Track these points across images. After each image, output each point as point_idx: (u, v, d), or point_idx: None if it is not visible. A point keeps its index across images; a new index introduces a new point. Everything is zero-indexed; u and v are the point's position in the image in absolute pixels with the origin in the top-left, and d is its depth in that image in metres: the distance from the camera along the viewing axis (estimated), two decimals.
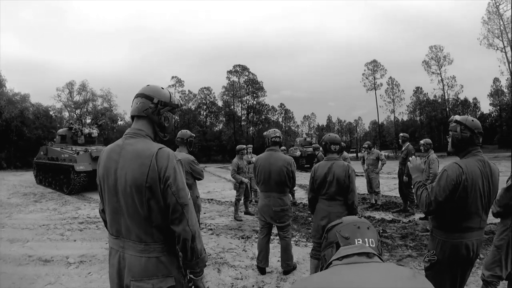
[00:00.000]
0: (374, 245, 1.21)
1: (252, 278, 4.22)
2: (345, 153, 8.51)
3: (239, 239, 6.06)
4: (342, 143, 8.87)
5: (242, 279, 4.20)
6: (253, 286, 3.98)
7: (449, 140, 2.45)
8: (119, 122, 48.33)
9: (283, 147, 10.18)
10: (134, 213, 1.58)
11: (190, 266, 1.67)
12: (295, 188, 9.15)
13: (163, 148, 1.64)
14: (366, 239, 1.21)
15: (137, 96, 1.77)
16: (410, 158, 2.67)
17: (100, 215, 1.90)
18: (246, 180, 7.87)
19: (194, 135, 5.01)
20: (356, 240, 1.20)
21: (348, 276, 1.06)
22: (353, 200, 3.56)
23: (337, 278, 1.06)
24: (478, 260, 4.51)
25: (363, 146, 9.50)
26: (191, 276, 1.71)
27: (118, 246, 1.64)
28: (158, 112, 1.75)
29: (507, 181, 2.97)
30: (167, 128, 1.83)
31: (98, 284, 4.07)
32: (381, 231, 6.13)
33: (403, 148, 8.15)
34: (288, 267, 4.31)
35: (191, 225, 1.59)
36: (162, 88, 1.81)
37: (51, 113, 41.25)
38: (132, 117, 1.78)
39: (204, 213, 8.37)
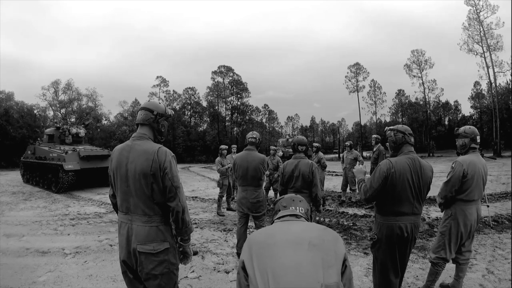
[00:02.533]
0: (303, 212, 1.86)
1: (232, 263, 4.76)
2: (320, 153, 9.05)
3: (221, 231, 6.56)
4: (317, 144, 9.45)
5: (223, 264, 4.73)
6: (233, 269, 4.51)
7: (388, 146, 3.12)
8: (103, 122, 48.10)
9: (273, 147, 10.65)
10: (141, 194, 2.16)
11: (181, 233, 2.28)
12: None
13: (162, 147, 2.24)
14: (297, 207, 1.87)
15: (141, 109, 2.39)
16: (355, 166, 3.33)
17: (110, 199, 2.48)
18: (229, 165, 8.34)
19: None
20: (290, 207, 1.86)
21: (279, 226, 1.71)
22: (316, 193, 4.19)
23: (272, 227, 1.71)
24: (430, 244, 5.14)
25: (345, 143, 10.09)
26: (181, 242, 2.34)
27: (127, 220, 2.21)
28: (157, 121, 2.38)
29: (447, 176, 3.50)
30: (163, 133, 2.46)
31: (94, 271, 4.50)
32: (351, 224, 6.73)
33: (374, 149, 8.75)
34: None
35: (182, 201, 2.19)
36: (160, 103, 2.44)
37: (35, 112, 40.80)
38: (137, 125, 2.38)
39: (189, 210, 8.78)
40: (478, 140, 3.59)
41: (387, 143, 3.12)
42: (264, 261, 1.45)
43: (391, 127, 3.11)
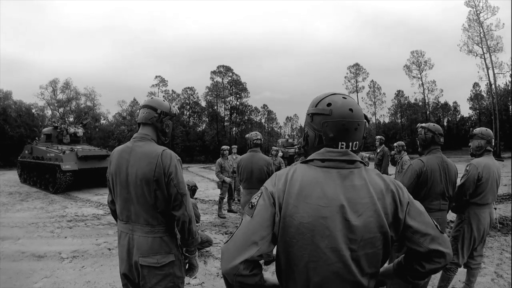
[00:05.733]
0: (357, 147, 1.23)
1: None
2: None
3: (223, 234, 6.40)
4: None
5: None
6: None
7: (418, 142, 3.26)
8: (102, 121, 47.97)
9: (275, 147, 10.55)
10: (143, 201, 1.95)
11: (187, 245, 2.09)
12: None
13: (166, 150, 2.02)
14: (350, 143, 1.20)
15: (143, 106, 2.15)
16: None
17: (108, 206, 2.27)
18: (228, 180, 8.18)
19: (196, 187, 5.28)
20: (340, 143, 1.20)
21: (326, 185, 1.14)
22: None
23: (318, 187, 1.14)
24: None
25: None
26: (186, 254, 2.15)
27: (128, 230, 2.00)
28: (161, 121, 2.14)
29: (460, 179, 3.40)
30: (168, 133, 2.23)
31: (92, 277, 4.33)
32: None
33: (378, 150, 8.57)
34: (269, 257, 4.70)
35: (189, 210, 1.99)
36: (164, 101, 2.21)
37: (33, 111, 40.61)
38: (138, 124, 2.16)
39: None
40: (493, 143, 3.52)
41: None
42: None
43: (423, 125, 3.26)
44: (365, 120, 1.25)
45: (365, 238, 1.11)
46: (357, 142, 1.22)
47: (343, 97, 1.24)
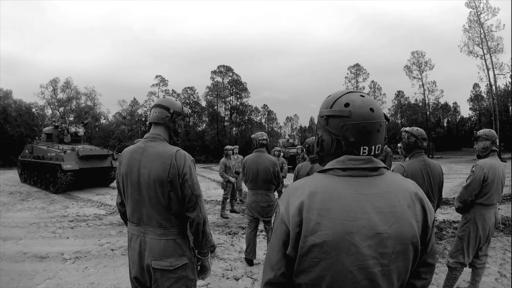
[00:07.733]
0: (379, 151, 1.13)
1: (241, 269, 4.56)
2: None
3: (226, 235, 6.35)
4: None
5: (232, 270, 4.53)
6: (243, 276, 4.31)
7: (401, 146, 3.33)
8: (102, 121, 47.83)
9: (278, 148, 10.53)
10: (156, 203, 1.90)
11: (200, 247, 2.05)
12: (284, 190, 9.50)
13: (180, 150, 1.98)
14: (373, 146, 1.10)
15: (156, 106, 2.11)
16: None
17: (117, 207, 2.21)
18: (233, 180, 8.18)
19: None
20: (362, 148, 1.09)
21: (355, 197, 1.03)
22: None
23: (343, 200, 1.03)
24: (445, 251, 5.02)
25: None
26: (199, 256, 2.10)
27: (139, 232, 1.95)
28: (173, 120, 2.10)
29: (466, 180, 3.43)
30: (180, 133, 2.19)
31: (96, 278, 4.28)
32: None
33: None
34: None
35: (203, 212, 1.96)
36: (176, 100, 2.17)
37: (33, 110, 40.49)
38: (150, 124, 2.12)
39: None
40: (497, 143, 3.55)
41: (399, 144, 3.34)
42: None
43: (406, 129, 3.31)
44: (385, 120, 1.13)
45: (397, 250, 1.02)
46: (380, 145, 1.12)
47: (360, 95, 1.13)
